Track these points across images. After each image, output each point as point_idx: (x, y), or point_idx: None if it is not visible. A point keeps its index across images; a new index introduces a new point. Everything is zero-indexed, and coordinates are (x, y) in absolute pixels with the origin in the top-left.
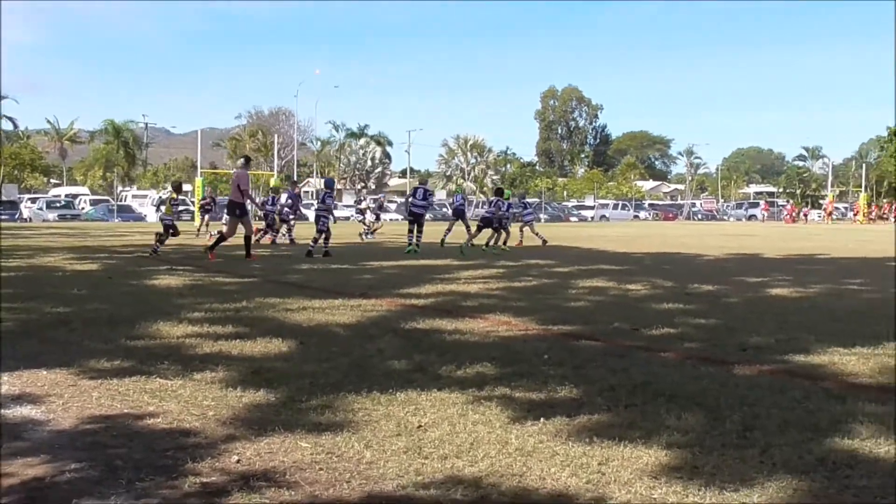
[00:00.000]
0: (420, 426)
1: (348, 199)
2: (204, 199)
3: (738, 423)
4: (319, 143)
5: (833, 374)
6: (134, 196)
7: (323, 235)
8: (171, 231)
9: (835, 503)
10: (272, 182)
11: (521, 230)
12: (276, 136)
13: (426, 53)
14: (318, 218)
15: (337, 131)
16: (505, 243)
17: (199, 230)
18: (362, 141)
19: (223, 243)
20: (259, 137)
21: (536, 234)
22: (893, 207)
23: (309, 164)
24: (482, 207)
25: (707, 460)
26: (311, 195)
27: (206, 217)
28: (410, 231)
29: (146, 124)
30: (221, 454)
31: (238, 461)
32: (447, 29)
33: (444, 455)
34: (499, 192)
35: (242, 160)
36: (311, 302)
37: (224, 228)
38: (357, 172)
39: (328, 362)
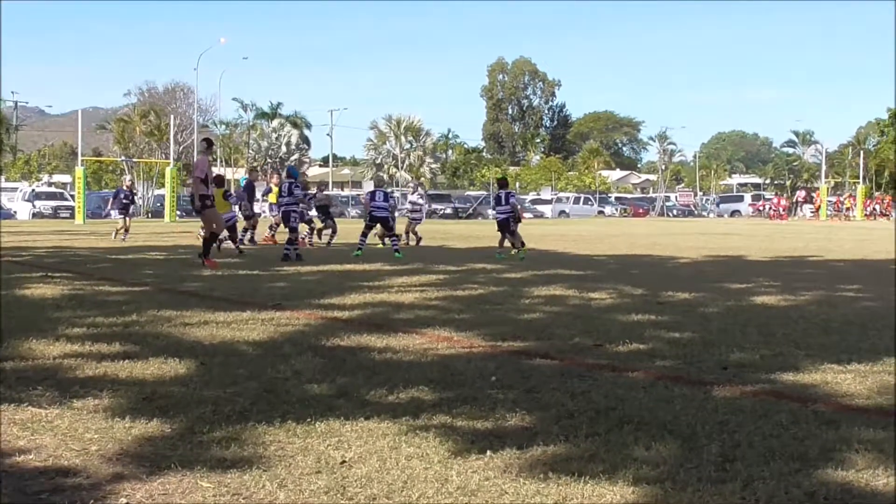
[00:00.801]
0: (344, 462)
1: (258, 191)
2: (121, 192)
3: (717, 453)
4: (224, 125)
5: (825, 394)
6: (1, 189)
7: (296, 233)
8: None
9: None
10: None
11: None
12: (172, 116)
13: (351, 18)
14: (287, 214)
15: (245, 111)
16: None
17: (118, 231)
18: (275, 122)
19: (217, 242)
20: (152, 119)
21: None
22: (887, 202)
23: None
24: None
25: (681, 497)
26: None
27: (127, 217)
28: (364, 234)
29: (16, 103)
30: (107, 496)
31: None
32: None
33: (372, 496)
34: (503, 182)
35: (204, 143)
36: (213, 315)
37: (202, 228)
38: (269, 160)
39: (234, 387)
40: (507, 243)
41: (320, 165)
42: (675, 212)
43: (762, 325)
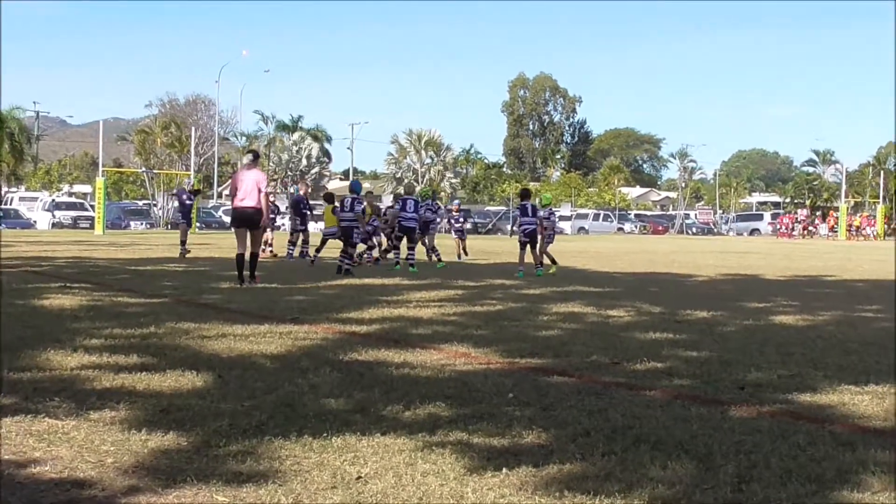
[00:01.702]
0: (359, 477)
1: (282, 205)
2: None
3: (733, 473)
4: (245, 137)
5: (842, 416)
6: (21, 199)
7: (356, 249)
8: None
9: None
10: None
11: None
12: (193, 128)
13: (372, 32)
14: (348, 231)
15: (266, 124)
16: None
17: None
18: (296, 135)
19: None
20: (173, 130)
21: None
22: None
23: (232, 161)
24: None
25: None
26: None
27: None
28: (396, 247)
29: (37, 112)
30: None
31: None
32: (397, 3)
33: None
34: (525, 193)
35: (251, 156)
36: (231, 328)
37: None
38: (290, 173)
39: (251, 400)
40: (527, 258)
41: (341, 179)
42: (694, 230)
43: (780, 345)
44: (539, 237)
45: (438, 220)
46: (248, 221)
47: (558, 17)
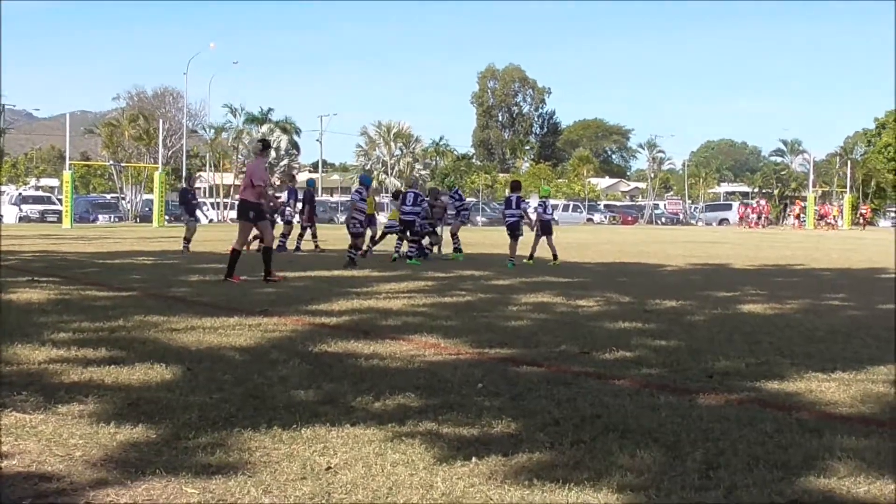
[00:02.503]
0: (329, 468)
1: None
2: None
3: (701, 460)
4: (213, 130)
5: (809, 403)
6: None
7: (359, 240)
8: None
9: None
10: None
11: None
12: (161, 121)
13: (342, 24)
14: (411, 222)
15: (234, 116)
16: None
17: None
18: (265, 128)
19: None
20: (141, 123)
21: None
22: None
23: (201, 154)
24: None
25: None
26: (203, 192)
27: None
28: (400, 240)
29: (3, 105)
30: (90, 502)
31: None
32: None
33: (357, 502)
34: (516, 185)
35: (259, 145)
36: (200, 321)
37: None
38: None
39: (220, 392)
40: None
41: (310, 171)
42: (663, 220)
43: (748, 334)
44: (532, 230)
45: (458, 211)
46: (241, 215)
47: (528, 9)
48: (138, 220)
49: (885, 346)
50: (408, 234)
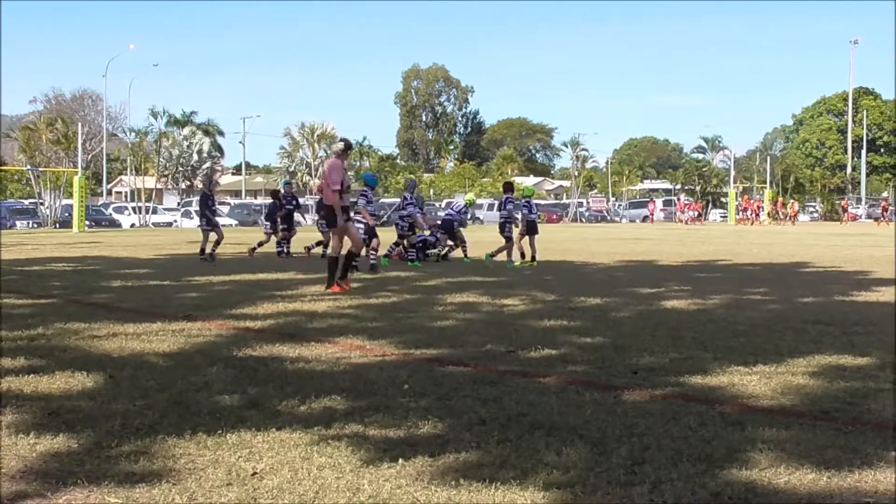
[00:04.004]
0: (255, 473)
1: (169, 201)
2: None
3: (626, 456)
4: (135, 133)
5: (732, 396)
6: None
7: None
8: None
9: None
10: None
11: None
12: (80, 124)
13: (263, 24)
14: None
15: (156, 119)
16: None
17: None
18: (187, 130)
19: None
20: (59, 127)
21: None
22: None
23: (122, 158)
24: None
25: (590, 501)
26: (125, 196)
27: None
28: (397, 244)
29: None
30: None
31: None
32: None
33: None
34: (508, 187)
35: (341, 144)
36: (123, 327)
37: (330, 243)
38: (181, 168)
39: (143, 399)
40: (515, 251)
41: (233, 173)
42: (587, 218)
43: (672, 329)
44: (514, 229)
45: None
46: (328, 220)
47: (451, 8)
48: (58, 225)
49: (804, 337)
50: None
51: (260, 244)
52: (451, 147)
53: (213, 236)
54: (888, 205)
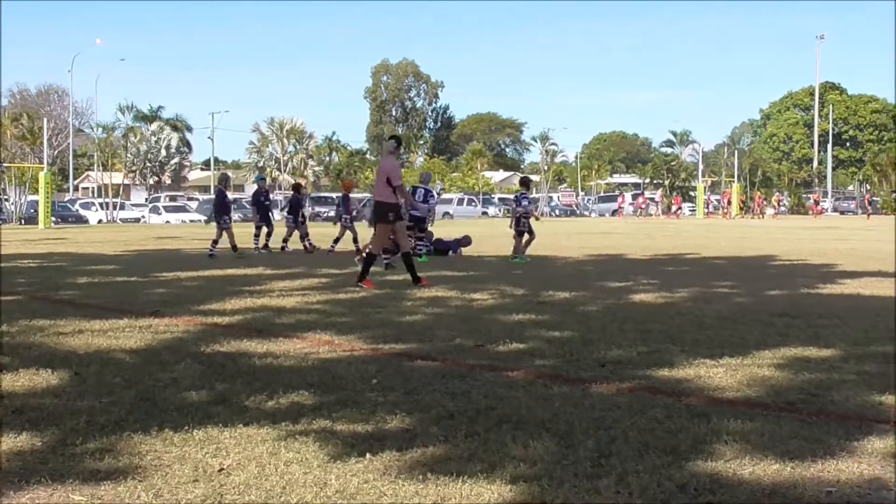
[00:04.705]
0: (222, 469)
1: (137, 196)
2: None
3: (593, 449)
4: (102, 128)
5: (698, 388)
6: None
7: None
8: None
9: None
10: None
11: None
12: (45, 120)
13: (231, 19)
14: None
15: (124, 114)
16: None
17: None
18: (154, 126)
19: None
20: (24, 122)
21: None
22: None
23: (89, 154)
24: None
25: (557, 493)
26: (92, 192)
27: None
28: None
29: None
30: None
31: None
32: None
33: (250, 502)
34: (524, 181)
35: (393, 142)
36: (89, 323)
37: (371, 243)
38: (149, 164)
39: (109, 396)
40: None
41: (202, 169)
42: (557, 212)
43: (640, 323)
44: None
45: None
46: (381, 217)
47: (420, 4)
48: (23, 221)
49: (770, 330)
50: (416, 230)
51: (285, 239)
52: (421, 142)
53: (232, 232)
54: (870, 198)
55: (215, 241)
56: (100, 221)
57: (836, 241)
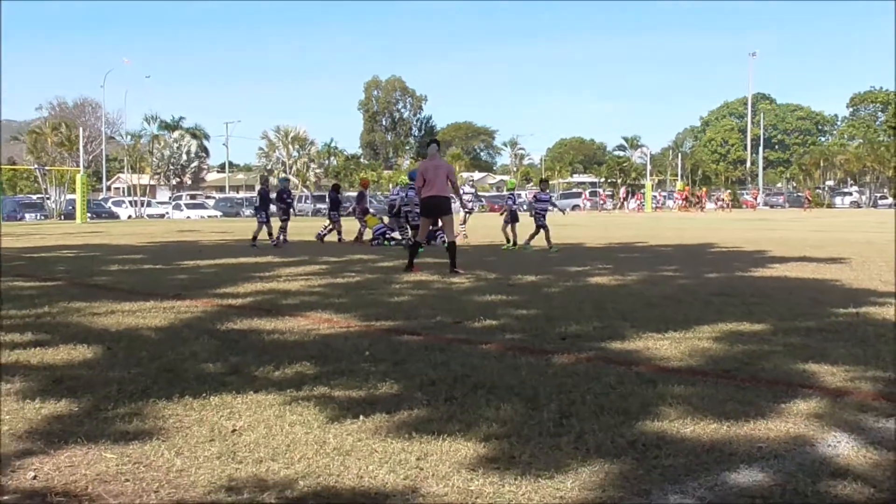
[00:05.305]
0: (234, 430)
1: (161, 195)
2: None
3: (555, 411)
4: (130, 136)
5: (646, 358)
6: None
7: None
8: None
9: (643, 484)
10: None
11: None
12: (81, 129)
13: (243, 41)
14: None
15: (149, 124)
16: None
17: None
18: (176, 134)
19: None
20: (63, 130)
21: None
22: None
23: (119, 158)
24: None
25: (524, 450)
26: (123, 192)
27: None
28: (415, 227)
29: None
30: (15, 471)
31: (35, 477)
32: (263, 16)
33: (258, 459)
34: (545, 184)
35: (434, 146)
36: (119, 305)
37: (450, 233)
38: (172, 167)
39: (137, 367)
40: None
41: (218, 171)
42: (525, 207)
43: (596, 302)
44: (501, 217)
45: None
46: (437, 210)
47: (407, 25)
48: (62, 217)
49: (709, 308)
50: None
51: (331, 231)
52: (407, 147)
53: (271, 226)
54: (811, 193)
55: (269, 234)
56: (129, 217)
57: (769, 231)
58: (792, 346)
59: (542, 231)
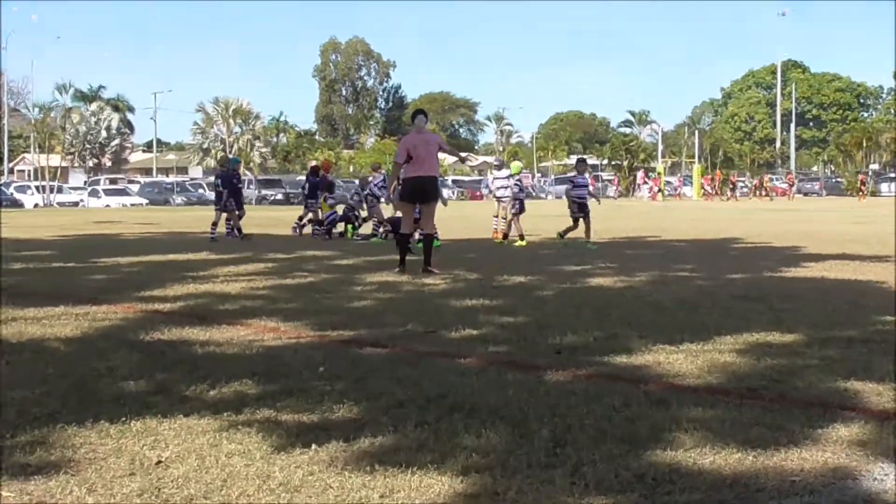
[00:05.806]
0: (160, 462)
1: (75, 179)
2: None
3: (548, 438)
4: (38, 108)
5: (657, 375)
6: None
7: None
8: None
9: None
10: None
11: None
12: None
13: None
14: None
15: (61, 94)
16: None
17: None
18: (94, 106)
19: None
20: None
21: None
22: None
23: (25, 135)
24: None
25: (510, 484)
26: (28, 175)
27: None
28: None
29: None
30: None
31: None
32: None
33: (189, 496)
34: (581, 162)
35: (422, 117)
36: (22, 311)
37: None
38: (88, 146)
39: (42, 386)
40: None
41: (144, 151)
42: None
43: (597, 307)
44: (503, 206)
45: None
46: (423, 194)
47: None
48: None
49: (731, 314)
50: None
51: (310, 221)
52: (372, 122)
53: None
54: (865, 177)
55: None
56: (36, 205)
57: (801, 224)
58: (829, 361)
59: (579, 223)
